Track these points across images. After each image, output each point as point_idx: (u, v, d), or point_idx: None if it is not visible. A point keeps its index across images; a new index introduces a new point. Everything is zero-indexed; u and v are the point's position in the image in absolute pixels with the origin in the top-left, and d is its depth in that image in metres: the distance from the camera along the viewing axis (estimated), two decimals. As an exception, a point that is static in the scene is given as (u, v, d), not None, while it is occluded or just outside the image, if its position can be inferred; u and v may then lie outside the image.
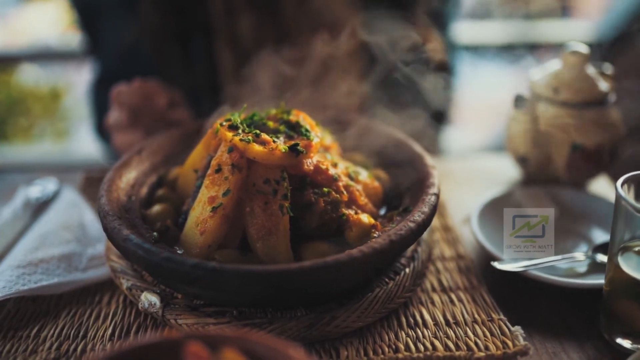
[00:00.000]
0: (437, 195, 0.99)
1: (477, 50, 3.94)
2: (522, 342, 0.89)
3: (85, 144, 3.92)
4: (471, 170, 1.54)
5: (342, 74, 1.64)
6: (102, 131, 1.81)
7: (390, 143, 1.17)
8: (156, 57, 1.62)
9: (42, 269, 1.02)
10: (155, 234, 0.94)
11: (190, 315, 0.90)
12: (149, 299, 0.93)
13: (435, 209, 0.97)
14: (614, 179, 1.40)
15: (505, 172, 1.49)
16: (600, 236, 1.18)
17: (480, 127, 3.60)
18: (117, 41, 1.66)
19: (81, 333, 0.93)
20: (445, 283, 1.05)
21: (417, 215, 0.93)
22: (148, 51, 1.63)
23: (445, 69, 1.84)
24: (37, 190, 1.31)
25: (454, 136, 2.28)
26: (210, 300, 0.91)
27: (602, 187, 1.41)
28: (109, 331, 0.94)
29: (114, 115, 1.34)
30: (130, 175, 1.09)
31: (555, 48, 4.22)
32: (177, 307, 0.92)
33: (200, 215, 0.93)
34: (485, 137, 3.34)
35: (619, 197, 0.87)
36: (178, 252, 0.92)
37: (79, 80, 4.36)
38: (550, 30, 4.10)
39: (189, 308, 0.91)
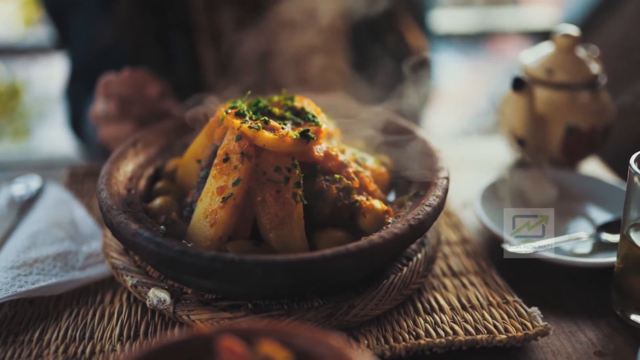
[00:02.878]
0: (448, 179, 0.98)
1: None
2: (541, 322, 0.88)
3: (48, 142, 3.79)
4: (462, 154, 1.53)
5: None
6: (78, 127, 1.74)
7: (391, 128, 1.16)
8: (134, 55, 1.56)
9: (37, 269, 0.97)
10: (162, 227, 0.90)
11: (203, 310, 0.87)
12: (158, 296, 0.89)
13: (447, 192, 0.96)
14: (605, 160, 1.43)
15: (496, 155, 1.50)
16: (599, 215, 1.19)
17: (451, 113, 3.64)
18: (90, 37, 1.60)
19: (87, 334, 0.89)
20: (455, 267, 1.04)
21: (432, 199, 0.91)
22: (125, 50, 1.57)
23: (425, 61, 1.84)
24: (20, 188, 1.25)
25: (433, 122, 2.28)
26: (225, 293, 0.88)
27: (593, 168, 1.42)
28: (117, 331, 0.89)
29: (101, 107, 1.28)
30: (127, 168, 1.04)
31: (516, 36, 4.30)
32: (188, 303, 0.88)
33: (209, 206, 0.89)
34: (459, 122, 3.38)
35: (632, 174, 0.87)
36: (188, 245, 0.89)
37: (38, 76, 4.22)
38: (506, 18, 4.17)
39: (202, 303, 0.88)
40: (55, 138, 3.62)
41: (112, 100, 1.27)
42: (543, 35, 3.89)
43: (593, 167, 1.43)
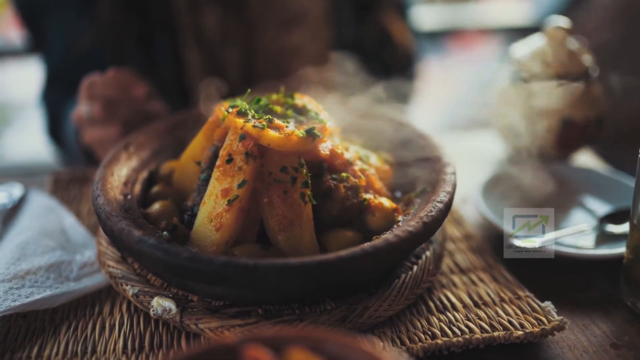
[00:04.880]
0: (455, 174, 0.97)
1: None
2: (556, 317, 0.87)
3: (15, 149, 3.67)
4: (453, 150, 1.52)
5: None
6: (56, 132, 1.67)
7: (390, 125, 1.14)
8: (116, 57, 1.51)
9: (30, 281, 0.92)
10: (165, 233, 0.86)
11: (212, 318, 0.83)
12: (163, 305, 0.85)
13: (455, 187, 0.94)
14: (598, 151, 1.43)
15: (488, 149, 1.49)
16: (597, 206, 1.19)
17: (429, 109, 3.64)
18: (68, 39, 1.54)
19: (89, 348, 0.84)
20: (462, 264, 1.03)
21: (443, 195, 0.90)
22: (106, 52, 1.52)
23: (410, 57, 1.83)
24: (2, 196, 1.19)
25: (415, 117, 2.27)
26: (234, 299, 0.85)
27: (586, 159, 1.43)
28: (120, 343, 0.85)
29: (85, 109, 1.22)
30: (121, 173, 0.99)
31: (480, 33, 4.34)
32: (196, 311, 0.84)
33: (214, 209, 0.85)
34: (438, 118, 3.40)
35: (643, 164, 0.87)
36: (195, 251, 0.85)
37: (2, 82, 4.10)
38: (469, 15, 4.20)
39: (210, 310, 0.84)
40: (24, 144, 3.51)
41: (97, 102, 1.21)
42: (507, 32, 3.95)
43: (586, 159, 1.43)
